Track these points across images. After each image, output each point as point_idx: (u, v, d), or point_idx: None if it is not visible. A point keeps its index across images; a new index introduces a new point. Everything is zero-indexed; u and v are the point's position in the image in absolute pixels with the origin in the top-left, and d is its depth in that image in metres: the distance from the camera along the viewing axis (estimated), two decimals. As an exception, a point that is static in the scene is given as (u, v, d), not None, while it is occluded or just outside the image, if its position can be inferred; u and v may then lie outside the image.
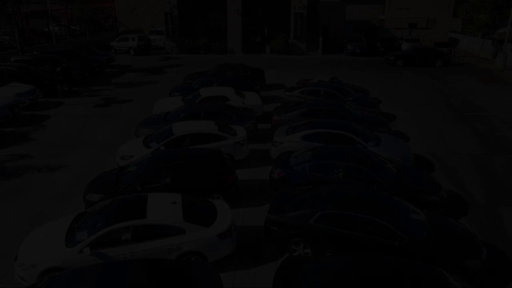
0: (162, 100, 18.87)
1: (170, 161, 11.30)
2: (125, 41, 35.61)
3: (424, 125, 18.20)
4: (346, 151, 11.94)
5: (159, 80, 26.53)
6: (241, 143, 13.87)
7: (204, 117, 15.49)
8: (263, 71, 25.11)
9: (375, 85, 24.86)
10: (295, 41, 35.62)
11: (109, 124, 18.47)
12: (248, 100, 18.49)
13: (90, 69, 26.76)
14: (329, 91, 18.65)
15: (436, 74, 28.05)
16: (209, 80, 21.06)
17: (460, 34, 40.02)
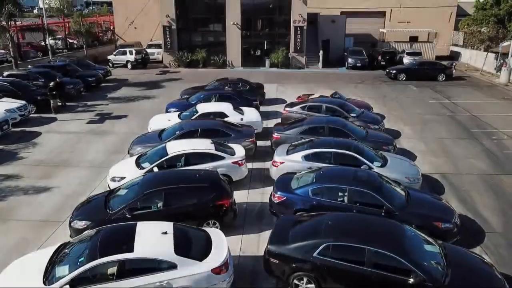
0: (158, 117, 18.17)
1: (162, 185, 10.51)
2: (123, 54, 35.10)
3: (430, 142, 17.46)
4: (351, 173, 11.19)
5: (156, 94, 25.88)
6: (240, 163, 13.11)
7: (200, 135, 14.77)
8: (262, 85, 24.51)
9: (378, 100, 24.22)
10: (295, 54, 35.14)
11: (102, 141, 17.73)
12: (247, 116, 17.80)
13: (85, 84, 26.12)
14: (331, 107, 17.96)
15: (439, 88, 27.44)
16: (207, 96, 20.42)
17: (461, 48, 39.55)
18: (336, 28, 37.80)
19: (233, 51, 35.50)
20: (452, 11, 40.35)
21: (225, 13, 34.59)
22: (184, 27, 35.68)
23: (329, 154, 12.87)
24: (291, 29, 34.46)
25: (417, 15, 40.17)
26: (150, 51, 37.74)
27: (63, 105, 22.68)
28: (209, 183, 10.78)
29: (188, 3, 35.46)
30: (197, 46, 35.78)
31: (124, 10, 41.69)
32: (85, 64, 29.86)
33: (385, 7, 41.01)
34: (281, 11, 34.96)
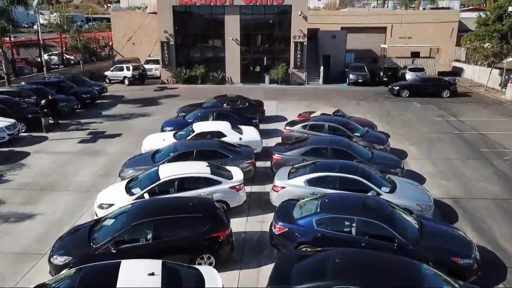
0: (152, 136, 17.30)
1: (151, 215, 9.57)
2: (120, 70, 34.47)
3: (439, 163, 16.57)
4: (359, 201, 10.27)
5: (152, 112, 25.09)
6: (237, 188, 12.20)
7: (196, 156, 13.89)
8: (262, 103, 23.76)
9: (381, 118, 23.42)
10: (295, 70, 34.53)
11: (93, 162, 16.83)
12: (246, 135, 16.95)
13: (80, 101, 25.35)
14: (334, 126, 17.12)
15: (443, 105, 26.68)
16: (204, 114, 19.60)
17: (464, 63, 39.00)
18: (336, 43, 37.30)
19: (232, 67, 34.90)
20: (453, 27, 39.98)
21: (224, 29, 34.10)
22: (183, 42, 35.15)
23: (334, 179, 11.96)
24: (291, 44, 33.92)
25: (418, 30, 39.78)
26: (148, 66, 37.14)
27: (55, 123, 21.85)
28: (203, 213, 9.84)
29: (186, 19, 35.01)
30: (196, 62, 35.20)
31: (122, 25, 41.37)
32: (81, 81, 29.15)
33: (386, 22, 40.64)
34: (281, 27, 34.49)
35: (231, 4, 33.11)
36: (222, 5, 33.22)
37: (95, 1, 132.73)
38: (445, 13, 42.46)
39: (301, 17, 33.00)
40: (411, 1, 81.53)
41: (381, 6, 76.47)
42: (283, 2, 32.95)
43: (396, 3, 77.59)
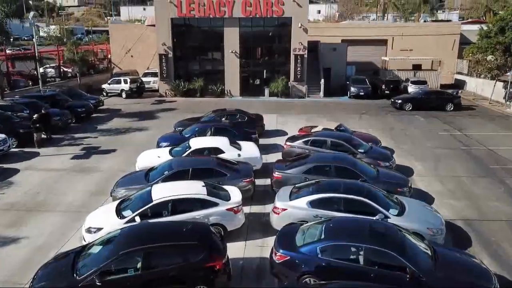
0: (147, 153, 16.57)
1: (140, 243, 8.80)
2: (117, 83, 33.92)
3: (447, 181, 15.82)
4: (366, 227, 9.49)
5: (149, 126, 24.41)
6: (235, 210, 11.43)
7: (192, 175, 13.15)
8: (261, 117, 23.08)
9: (385, 132, 22.74)
10: (295, 83, 33.97)
11: (85, 180, 16.08)
12: (244, 152, 16.23)
13: (75, 114, 24.71)
14: (337, 141, 16.40)
15: (448, 119, 26.02)
16: (202, 128, 18.91)
17: (466, 76, 38.46)
18: (337, 56, 36.84)
19: (232, 80, 34.36)
20: (455, 39, 39.60)
21: (224, 41, 33.65)
22: (181, 55, 34.68)
23: (339, 200, 11.21)
24: (291, 57, 33.43)
25: (420, 43, 39.37)
26: (146, 79, 36.61)
27: (48, 138, 21.18)
28: (198, 240, 9.06)
29: (185, 31, 34.60)
30: (195, 74, 34.66)
31: (121, 38, 40.95)
32: (77, 94, 28.55)
33: (387, 35, 40.28)
34: (281, 39, 34.05)
35: (230, 17, 32.72)
36: (221, 17, 32.83)
37: (95, 14, 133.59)
38: (447, 25, 42.17)
39: (301, 30, 32.58)
40: (411, 14, 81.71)
41: (380, 19, 76.63)
42: (283, 15, 32.56)
43: (396, 16, 77.81)
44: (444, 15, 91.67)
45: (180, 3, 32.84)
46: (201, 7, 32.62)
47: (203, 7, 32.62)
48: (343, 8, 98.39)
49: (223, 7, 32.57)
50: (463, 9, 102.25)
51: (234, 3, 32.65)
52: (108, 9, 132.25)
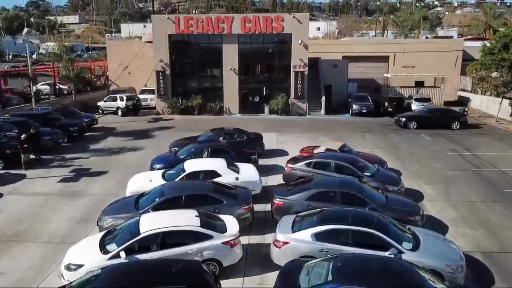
0: (138, 176, 15.52)
1: (123, 285, 7.69)
2: (113, 101, 33.07)
3: (460, 207, 14.74)
4: (379, 266, 8.41)
5: (144, 145, 23.41)
6: (232, 244, 10.33)
7: (185, 202, 12.09)
8: (261, 136, 22.10)
9: (390, 152, 21.75)
10: (295, 101, 33.14)
11: (71, 206, 15.00)
12: (243, 175, 15.20)
13: (67, 133, 23.76)
14: (341, 164, 15.38)
15: (455, 138, 25.06)
16: (198, 149, 17.91)
17: (470, 93, 37.66)
18: (338, 73, 36.12)
19: (231, 97, 33.54)
20: (458, 56, 38.98)
21: (222, 58, 32.95)
22: (179, 72, 33.93)
23: (346, 233, 10.12)
24: (291, 74, 32.68)
25: (422, 59, 38.75)
26: (143, 96, 35.80)
27: (36, 159, 20.19)
28: (188, 283, 7.96)
29: (183, 48, 33.96)
30: (193, 92, 33.83)
31: (118, 55, 40.36)
32: (70, 112, 27.66)
33: (388, 51, 39.72)
34: (281, 56, 33.36)
35: (229, 33, 32.10)
36: (220, 33, 32.21)
37: (96, 31, 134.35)
38: (449, 42, 41.67)
39: (302, 46, 31.91)
40: (410, 31, 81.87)
41: (380, 36, 76.62)
42: (283, 31, 31.95)
43: (395, 33, 77.82)
44: (443, 32, 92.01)
45: (178, 19, 32.30)
46: (200, 23, 32.04)
47: (202, 23, 32.03)
48: (342, 25, 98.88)
49: (221, 24, 31.98)
50: (461, 26, 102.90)
51: (233, 19, 32.10)
52: (109, 26, 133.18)
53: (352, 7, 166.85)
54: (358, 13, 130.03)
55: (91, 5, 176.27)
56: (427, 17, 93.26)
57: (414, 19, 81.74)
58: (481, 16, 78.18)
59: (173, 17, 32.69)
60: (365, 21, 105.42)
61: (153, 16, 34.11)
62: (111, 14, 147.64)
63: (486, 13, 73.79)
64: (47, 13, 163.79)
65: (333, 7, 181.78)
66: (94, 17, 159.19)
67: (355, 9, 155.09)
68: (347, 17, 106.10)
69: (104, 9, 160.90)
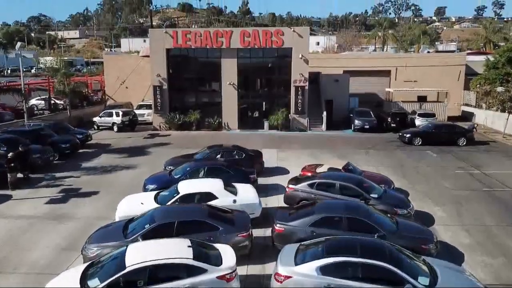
0: (129, 198, 14.50)
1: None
2: (109, 116, 32.21)
3: (474, 231, 13.72)
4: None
5: (139, 163, 22.44)
6: (228, 278, 9.30)
7: (177, 230, 11.09)
8: (260, 153, 21.18)
9: (395, 170, 20.79)
10: (296, 116, 32.30)
11: (57, 230, 13.96)
12: (241, 197, 14.20)
13: (58, 151, 22.82)
14: (346, 185, 14.40)
15: (462, 154, 24.12)
16: (194, 168, 16.94)
17: (474, 108, 36.82)
18: (339, 87, 35.37)
19: (230, 112, 32.71)
20: (460, 70, 38.31)
21: (221, 73, 32.23)
22: (177, 87, 33.11)
23: (356, 266, 9.09)
24: (292, 89, 31.92)
25: (424, 74, 38.15)
26: (140, 112, 34.96)
27: (25, 178, 19.21)
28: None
29: (181, 62, 33.28)
30: (190, 107, 33.00)
31: (115, 69, 39.72)
32: (63, 128, 26.73)
33: (390, 66, 39.10)
34: (281, 70, 32.62)
35: (228, 47, 31.44)
36: (219, 48, 31.55)
37: (96, 46, 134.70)
38: (451, 56, 41.09)
39: (302, 61, 31.22)
40: (410, 46, 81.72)
41: (379, 51, 76.38)
42: (283, 45, 31.29)
43: (395, 48, 77.60)
44: (442, 47, 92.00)
45: (176, 33, 31.68)
46: (198, 37, 31.41)
47: (200, 37, 31.40)
48: (341, 39, 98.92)
49: (220, 38, 31.35)
50: (460, 41, 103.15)
51: (232, 33, 31.49)
52: (109, 41, 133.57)
53: (351, 22, 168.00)
54: (357, 28, 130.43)
55: (92, 20, 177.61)
56: (426, 31, 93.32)
57: (414, 34, 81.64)
58: (480, 30, 78.07)
59: (171, 31, 32.07)
60: (365, 36, 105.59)
61: (151, 30, 33.52)
62: (112, 29, 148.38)
63: (486, 27, 73.67)
64: (48, 28, 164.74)
65: (332, 22, 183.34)
66: (95, 32, 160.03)
67: (353, 24, 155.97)
68: (346, 32, 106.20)
69: (105, 24, 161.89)
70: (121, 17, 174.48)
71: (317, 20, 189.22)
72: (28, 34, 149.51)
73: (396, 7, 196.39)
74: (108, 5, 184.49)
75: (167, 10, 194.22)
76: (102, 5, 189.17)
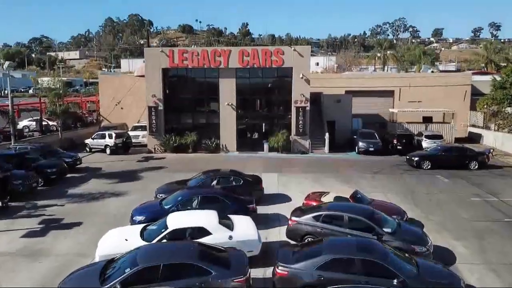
0: (113, 233, 12.90)
1: None
2: (101, 138, 30.82)
3: (504, 272, 12.09)
4: None
5: (129, 190, 20.86)
6: None
7: (163, 275, 9.50)
8: (260, 179, 19.62)
9: (406, 197, 19.26)
10: (297, 137, 30.91)
11: (29, 270, 12.33)
12: (238, 232, 12.64)
13: (43, 176, 21.32)
14: (356, 218, 12.85)
15: (475, 180, 22.60)
16: (187, 197, 15.39)
17: (482, 129, 35.47)
18: (341, 108, 34.10)
19: (228, 134, 31.33)
20: (466, 90, 37.16)
21: (219, 93, 31.02)
22: (173, 107, 31.82)
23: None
24: (292, 109, 30.65)
25: (428, 94, 36.98)
26: (135, 133, 33.61)
27: (4, 207, 17.64)
28: None
29: (177, 82, 32.17)
30: (187, 128, 31.62)
31: (111, 89, 38.66)
32: (52, 151, 25.30)
33: (393, 86, 37.97)
34: (281, 90, 31.40)
35: (226, 67, 30.33)
36: (217, 67, 30.44)
37: (96, 66, 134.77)
38: (456, 76, 40.01)
39: (303, 80, 30.06)
40: (411, 66, 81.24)
41: (380, 71, 75.72)
42: (283, 65, 30.19)
43: (397, 68, 76.99)
44: (441, 67, 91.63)
45: (172, 52, 30.63)
46: (195, 56, 30.32)
47: (197, 57, 30.32)
48: (341, 60, 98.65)
49: (218, 57, 30.28)
50: (459, 61, 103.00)
51: (230, 53, 30.43)
52: (109, 62, 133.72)
53: (350, 43, 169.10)
54: (357, 49, 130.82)
55: (93, 41, 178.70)
56: (426, 52, 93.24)
57: (415, 54, 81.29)
58: (480, 51, 77.80)
59: (167, 50, 31.03)
60: (365, 56, 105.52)
61: (146, 49, 32.48)
62: (112, 50, 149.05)
63: (486, 48, 73.35)
64: (49, 49, 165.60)
65: (331, 43, 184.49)
66: (95, 53, 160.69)
67: (352, 45, 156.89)
68: (346, 52, 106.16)
69: (106, 45, 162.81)
70: (122, 39, 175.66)
71: (316, 41, 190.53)
72: (28, 55, 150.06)
73: (394, 29, 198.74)
74: (109, 26, 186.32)
75: (167, 31, 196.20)
76: (103, 26, 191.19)
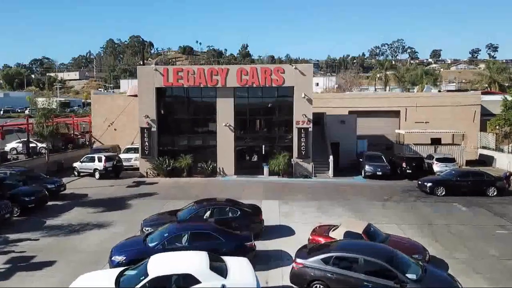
0: (85, 279, 10.81)
1: None
2: (90, 161, 28.88)
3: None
4: None
5: (115, 220, 18.78)
6: None
7: None
8: (259, 209, 17.54)
9: (422, 230, 17.18)
10: (299, 160, 28.99)
11: (-20, 327, 10.21)
12: (233, 279, 10.57)
13: (20, 205, 19.29)
14: (373, 261, 10.79)
15: (496, 208, 20.57)
16: (174, 233, 13.36)
17: (494, 151, 33.56)
18: (345, 129, 32.40)
19: (225, 157, 29.42)
20: (475, 110, 35.50)
21: (216, 113, 29.29)
22: (167, 129, 30.05)
23: None
24: (294, 130, 28.85)
25: (436, 114, 35.45)
26: (128, 156, 31.70)
27: (-32, 242, 15.55)
28: None
29: (172, 102, 30.54)
30: (182, 151, 29.72)
31: (104, 110, 37.04)
32: (34, 176, 23.35)
33: (399, 106, 36.35)
34: (282, 111, 29.69)
35: (224, 86, 28.70)
36: (214, 87, 28.80)
37: (95, 87, 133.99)
38: (465, 95, 38.33)
39: (305, 100, 28.38)
40: (412, 86, 79.99)
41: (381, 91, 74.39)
42: (284, 84, 28.57)
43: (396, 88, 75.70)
44: (442, 87, 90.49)
45: (166, 70, 29.03)
46: (191, 75, 28.73)
47: (193, 75, 28.73)
48: (342, 80, 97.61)
49: (215, 76, 28.68)
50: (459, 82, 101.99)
51: (228, 71, 28.85)
52: (109, 82, 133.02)
53: (349, 64, 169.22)
54: (357, 70, 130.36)
55: (94, 62, 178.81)
56: (428, 72, 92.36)
57: (416, 74, 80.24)
58: (483, 71, 76.75)
59: (161, 69, 29.43)
60: (365, 77, 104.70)
61: (139, 67, 30.86)
62: (113, 70, 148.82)
63: (489, 67, 72.29)
64: (50, 70, 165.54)
65: (330, 64, 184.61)
66: (95, 73, 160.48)
67: (352, 66, 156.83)
68: (346, 72, 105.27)
69: (106, 66, 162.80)
70: (122, 60, 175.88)
71: (315, 62, 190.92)
72: (29, 76, 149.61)
73: (392, 50, 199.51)
74: (110, 48, 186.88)
75: (168, 52, 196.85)
76: (104, 48, 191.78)
